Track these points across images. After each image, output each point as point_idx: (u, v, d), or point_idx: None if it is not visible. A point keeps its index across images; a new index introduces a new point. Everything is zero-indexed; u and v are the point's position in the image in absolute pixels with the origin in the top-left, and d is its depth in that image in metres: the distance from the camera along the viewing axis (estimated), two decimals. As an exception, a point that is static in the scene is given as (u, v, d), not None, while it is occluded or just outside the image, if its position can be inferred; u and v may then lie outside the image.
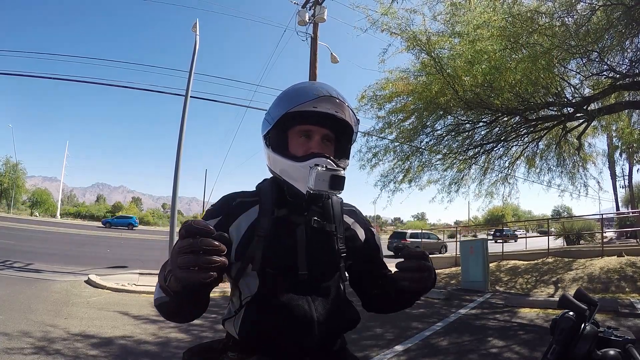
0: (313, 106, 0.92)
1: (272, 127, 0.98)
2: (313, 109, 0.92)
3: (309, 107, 0.92)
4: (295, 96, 0.95)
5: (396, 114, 9.01)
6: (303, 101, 0.92)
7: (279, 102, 0.98)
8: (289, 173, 0.95)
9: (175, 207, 8.73)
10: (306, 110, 0.93)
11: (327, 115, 0.94)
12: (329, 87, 0.98)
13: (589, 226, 14.65)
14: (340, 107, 0.95)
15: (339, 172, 0.92)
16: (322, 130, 0.97)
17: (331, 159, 0.94)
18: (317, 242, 0.97)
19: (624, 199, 25.40)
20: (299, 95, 0.94)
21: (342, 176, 0.92)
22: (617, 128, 9.13)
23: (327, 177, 0.89)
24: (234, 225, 0.94)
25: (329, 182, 0.90)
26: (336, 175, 0.91)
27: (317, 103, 0.92)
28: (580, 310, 0.82)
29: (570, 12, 6.13)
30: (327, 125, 0.96)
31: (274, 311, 0.89)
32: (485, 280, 8.51)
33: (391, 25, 7.42)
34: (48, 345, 3.82)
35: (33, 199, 52.63)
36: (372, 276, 1.09)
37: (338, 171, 0.92)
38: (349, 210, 1.10)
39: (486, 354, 4.07)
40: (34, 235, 18.63)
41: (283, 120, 0.95)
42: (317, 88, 0.95)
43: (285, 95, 0.99)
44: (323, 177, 0.89)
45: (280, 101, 0.97)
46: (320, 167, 0.90)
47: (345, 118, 0.96)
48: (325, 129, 0.97)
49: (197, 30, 9.26)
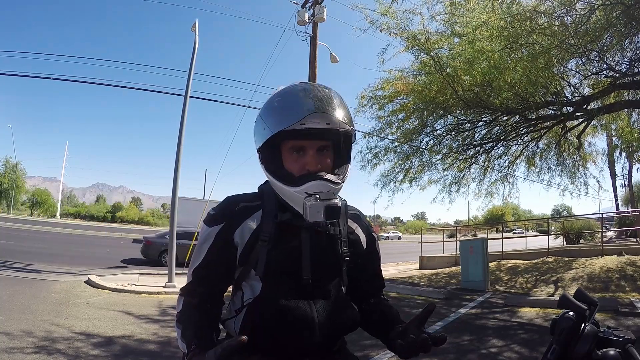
0: (301, 124, 0.88)
1: (263, 145, 0.94)
2: (302, 126, 0.89)
3: (297, 125, 0.89)
4: (283, 116, 0.90)
5: (396, 114, 9.02)
6: (290, 123, 0.88)
7: (268, 116, 0.93)
8: (286, 196, 0.94)
9: (175, 207, 8.72)
10: (295, 129, 0.89)
11: (318, 130, 0.91)
12: (319, 94, 0.93)
13: (588, 225, 14.65)
14: (330, 118, 0.90)
15: (332, 202, 0.89)
16: (315, 144, 0.93)
17: (327, 179, 0.91)
18: (321, 245, 0.96)
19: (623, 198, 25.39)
20: (287, 115, 0.90)
21: (337, 206, 0.89)
22: (617, 127, 9.13)
23: (322, 208, 0.88)
24: (238, 231, 0.94)
25: (324, 212, 0.88)
26: (330, 206, 0.88)
27: (305, 120, 0.89)
28: (580, 310, 0.82)
29: (570, 11, 6.13)
30: (320, 137, 0.93)
31: (276, 313, 0.90)
32: (485, 279, 8.52)
33: (390, 25, 7.43)
34: (49, 344, 3.82)
35: (33, 199, 52.61)
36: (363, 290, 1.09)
37: (331, 200, 0.89)
38: (354, 214, 1.09)
39: (486, 353, 4.07)
40: (33, 235, 18.62)
41: (274, 138, 0.92)
42: (304, 103, 0.90)
43: (274, 109, 0.94)
44: (317, 208, 0.88)
45: (269, 116, 0.93)
46: (314, 198, 0.88)
47: (338, 127, 0.92)
48: (319, 142, 0.94)
49: (196, 30, 9.25)
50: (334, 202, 0.90)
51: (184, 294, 0.97)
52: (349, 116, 0.96)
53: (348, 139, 0.98)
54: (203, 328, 0.90)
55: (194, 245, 1.02)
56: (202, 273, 0.95)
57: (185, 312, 0.94)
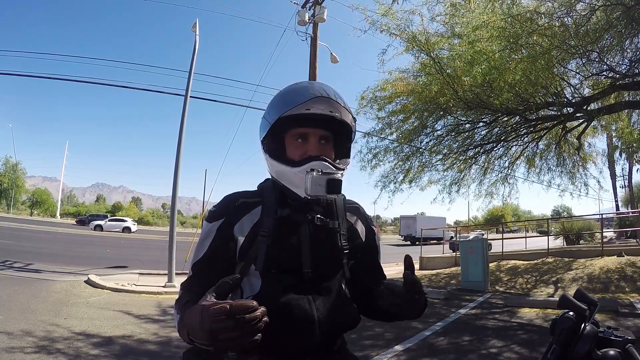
0: (306, 108, 0.90)
1: (268, 133, 0.97)
2: (306, 111, 0.90)
3: (302, 109, 0.90)
4: (289, 99, 0.93)
5: (396, 115, 9.01)
6: (296, 104, 0.91)
7: (273, 106, 0.96)
8: (287, 178, 0.95)
9: (175, 207, 8.73)
10: (300, 113, 0.91)
11: (322, 116, 0.92)
12: (323, 86, 0.96)
13: (588, 226, 14.65)
14: (335, 106, 0.93)
15: (335, 175, 0.91)
16: (318, 132, 0.95)
17: (329, 161, 0.93)
18: (321, 239, 0.96)
19: (623, 199, 25.39)
20: (292, 99, 0.92)
21: (339, 179, 0.91)
22: (617, 128, 9.12)
23: (324, 181, 0.89)
24: (237, 227, 0.94)
25: (326, 186, 0.89)
26: (333, 179, 0.89)
27: (310, 104, 0.90)
28: (580, 311, 0.83)
29: (570, 12, 6.13)
30: (323, 126, 0.94)
31: (275, 311, 0.89)
32: (485, 280, 8.52)
33: (390, 26, 7.43)
34: (49, 344, 3.82)
35: (33, 198, 52.61)
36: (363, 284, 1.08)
37: (334, 174, 0.91)
38: (352, 207, 1.09)
39: (486, 353, 4.07)
40: (33, 235, 18.62)
41: (278, 125, 0.94)
42: (310, 89, 0.93)
43: (278, 98, 0.97)
44: (319, 181, 0.89)
45: (274, 105, 0.96)
46: (315, 172, 0.89)
47: (341, 117, 0.94)
48: (322, 130, 0.95)
49: (196, 30, 9.26)
50: (336, 176, 0.91)
51: (183, 288, 0.97)
52: (351, 112, 0.99)
53: (349, 133, 1.00)
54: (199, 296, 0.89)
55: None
56: (203, 267, 0.95)
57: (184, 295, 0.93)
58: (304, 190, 0.90)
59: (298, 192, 0.93)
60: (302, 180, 0.90)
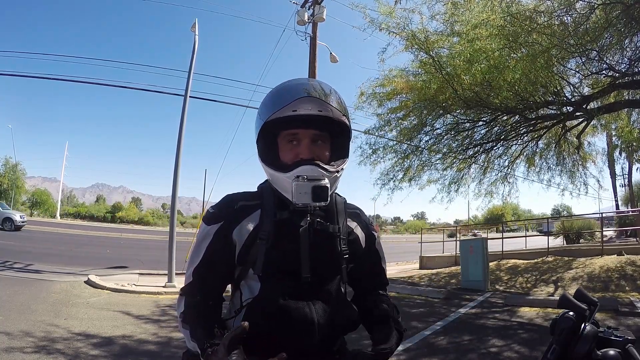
0: (292, 109, 0.88)
1: (260, 136, 0.95)
2: (293, 112, 0.88)
3: (288, 111, 0.88)
4: (276, 101, 0.91)
5: (395, 112, 9.02)
6: (281, 106, 0.88)
7: (263, 107, 0.94)
8: (279, 183, 0.93)
9: (175, 207, 8.72)
10: (286, 116, 0.89)
11: (309, 117, 0.90)
12: (314, 84, 0.93)
13: (588, 225, 14.65)
14: (322, 105, 0.90)
15: (321, 182, 0.88)
16: (308, 132, 0.92)
17: (319, 165, 0.90)
18: (320, 244, 0.95)
19: (623, 198, 25.40)
20: (279, 100, 0.90)
21: (325, 186, 0.88)
22: (617, 127, 9.14)
23: (309, 188, 0.87)
24: (237, 230, 0.93)
25: (311, 193, 0.86)
26: (318, 186, 0.87)
27: (296, 105, 0.88)
28: (580, 310, 0.82)
29: (569, 10, 6.13)
30: (314, 126, 0.92)
31: (275, 314, 0.89)
32: (485, 279, 8.52)
33: (390, 25, 7.44)
34: (48, 344, 3.82)
35: (33, 199, 52.55)
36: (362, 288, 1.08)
37: (320, 180, 0.88)
38: (353, 212, 1.07)
39: (486, 353, 4.07)
40: (33, 235, 18.61)
41: (269, 126, 0.92)
42: (297, 88, 0.90)
43: (269, 98, 0.94)
44: (304, 189, 0.86)
45: (264, 106, 0.94)
46: (300, 179, 0.87)
47: (330, 115, 0.91)
48: (313, 130, 0.92)
49: (196, 30, 9.25)
50: (322, 182, 0.88)
51: (184, 293, 0.96)
52: (343, 107, 0.95)
53: (344, 130, 0.97)
54: (212, 327, 0.89)
55: None
56: (202, 272, 0.94)
57: (190, 311, 0.93)
58: (291, 199, 0.89)
59: (289, 197, 0.91)
60: (290, 186, 0.88)
